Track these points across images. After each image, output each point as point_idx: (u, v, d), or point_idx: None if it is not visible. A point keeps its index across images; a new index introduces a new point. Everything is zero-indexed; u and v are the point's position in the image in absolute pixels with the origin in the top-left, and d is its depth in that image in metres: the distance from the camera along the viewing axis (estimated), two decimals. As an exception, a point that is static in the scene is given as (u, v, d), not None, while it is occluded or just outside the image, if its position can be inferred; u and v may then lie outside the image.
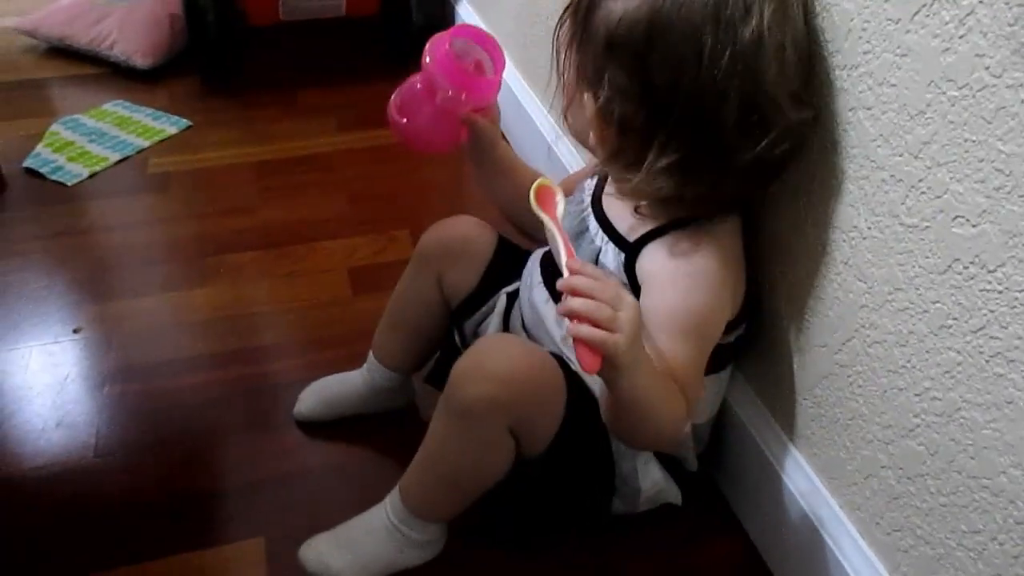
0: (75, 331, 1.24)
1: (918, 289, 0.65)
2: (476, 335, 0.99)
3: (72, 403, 1.12)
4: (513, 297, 0.96)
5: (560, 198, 0.74)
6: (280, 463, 1.03)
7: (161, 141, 1.73)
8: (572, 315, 0.64)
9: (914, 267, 0.65)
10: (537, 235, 0.94)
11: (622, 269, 0.80)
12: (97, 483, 1.01)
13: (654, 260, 0.78)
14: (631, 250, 0.80)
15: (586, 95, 0.76)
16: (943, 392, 0.64)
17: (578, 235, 0.86)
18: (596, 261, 0.83)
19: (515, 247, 1.00)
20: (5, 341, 1.23)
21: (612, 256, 0.82)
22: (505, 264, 0.98)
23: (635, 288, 0.79)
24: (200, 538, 0.95)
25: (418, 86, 0.88)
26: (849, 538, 0.79)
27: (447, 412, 0.81)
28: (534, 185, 0.74)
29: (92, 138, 1.72)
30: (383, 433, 1.07)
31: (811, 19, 0.71)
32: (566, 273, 0.67)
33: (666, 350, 0.75)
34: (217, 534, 0.95)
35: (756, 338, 0.89)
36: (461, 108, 0.86)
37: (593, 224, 0.85)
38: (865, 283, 0.70)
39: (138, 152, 1.69)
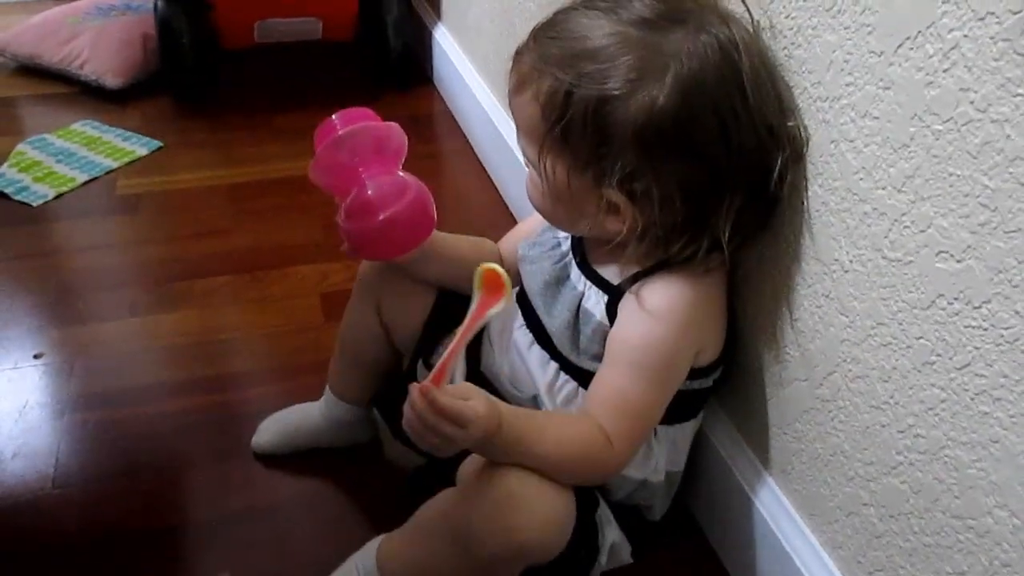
0: (36, 356, 1.20)
1: (901, 324, 0.64)
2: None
3: (30, 432, 1.08)
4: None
5: (507, 291, 0.72)
6: (247, 496, 1.00)
7: (131, 162, 1.70)
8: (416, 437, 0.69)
9: (897, 302, 0.64)
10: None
11: (605, 312, 0.79)
12: (55, 516, 0.98)
13: (631, 297, 0.77)
14: (616, 293, 0.79)
15: (605, 191, 0.72)
16: (927, 429, 0.63)
17: (558, 282, 0.84)
18: (579, 307, 0.81)
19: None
20: (-38, 367, 1.19)
21: (595, 300, 0.81)
22: (451, 298, 0.92)
23: None
24: (164, 574, 0.91)
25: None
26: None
27: (467, 558, 0.75)
28: (480, 270, 0.73)
29: (60, 158, 1.69)
30: (353, 466, 1.04)
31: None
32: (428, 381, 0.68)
33: (615, 380, 0.76)
34: (180, 570, 0.92)
35: (736, 371, 0.88)
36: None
37: (575, 271, 0.84)
38: (847, 317, 0.69)
39: (107, 173, 1.66)
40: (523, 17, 1.36)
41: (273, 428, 1.06)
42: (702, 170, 0.70)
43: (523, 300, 0.88)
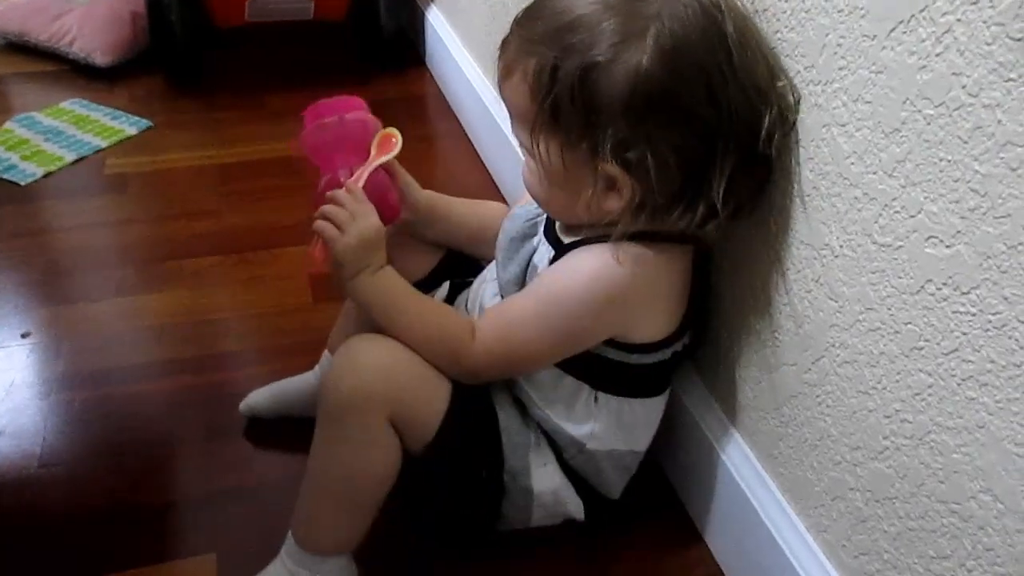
0: (23, 336, 1.19)
1: (890, 309, 0.64)
2: None
3: (17, 411, 1.08)
4: (459, 288, 0.95)
5: (397, 143, 0.84)
6: (234, 475, 1.00)
7: (120, 141, 1.69)
8: (320, 216, 0.79)
9: (886, 287, 0.64)
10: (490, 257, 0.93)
11: (545, 265, 0.81)
12: (42, 495, 0.97)
13: (569, 254, 0.78)
14: (561, 251, 0.80)
15: (601, 165, 0.71)
16: (913, 415, 0.63)
17: (522, 239, 0.86)
18: (529, 260, 0.84)
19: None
20: (-52, 345, 1.18)
21: (542, 254, 0.82)
22: (460, 258, 0.98)
23: None
24: (150, 554, 0.91)
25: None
26: (815, 560, 0.78)
27: (325, 418, 0.80)
28: (379, 133, 0.85)
29: (48, 137, 1.68)
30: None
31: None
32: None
33: (513, 300, 0.81)
34: (167, 549, 0.92)
35: (723, 355, 0.88)
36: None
37: (540, 232, 0.86)
38: (836, 302, 0.69)
39: (95, 152, 1.65)
40: (516, -2, 1.35)
41: (267, 392, 1.06)
42: (694, 132, 0.69)
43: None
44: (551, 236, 0.84)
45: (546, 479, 0.86)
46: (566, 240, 0.82)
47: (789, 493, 0.81)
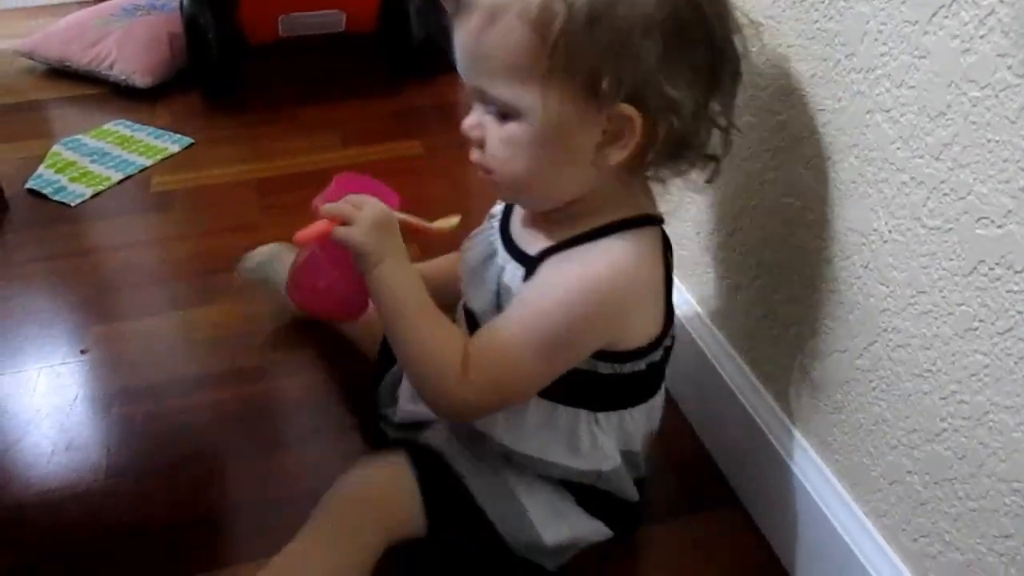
0: (82, 352, 1.23)
1: (942, 292, 0.64)
2: None
3: (81, 425, 1.11)
4: None
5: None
6: (288, 483, 1.02)
7: (163, 160, 1.73)
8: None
9: (938, 269, 0.64)
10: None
11: (521, 285, 0.76)
12: (108, 506, 1.00)
13: (544, 267, 0.74)
14: (531, 264, 0.75)
15: (618, 109, 0.64)
16: (970, 395, 0.63)
17: (484, 262, 0.81)
18: (499, 281, 0.78)
19: None
20: (12, 363, 1.22)
21: (511, 273, 0.77)
22: None
23: None
24: (210, 560, 0.93)
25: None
26: (874, 545, 0.78)
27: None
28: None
29: (94, 158, 1.72)
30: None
31: None
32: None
33: (499, 330, 0.72)
34: (226, 556, 0.94)
35: (771, 344, 0.89)
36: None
37: (501, 249, 0.80)
38: (887, 287, 0.70)
39: (140, 171, 1.69)
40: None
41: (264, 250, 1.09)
42: (709, 50, 0.65)
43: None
44: (514, 251, 0.78)
45: (559, 530, 0.83)
46: (531, 251, 0.76)
47: (846, 479, 0.82)
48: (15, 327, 1.28)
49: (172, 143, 1.78)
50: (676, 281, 1.09)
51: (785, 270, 0.84)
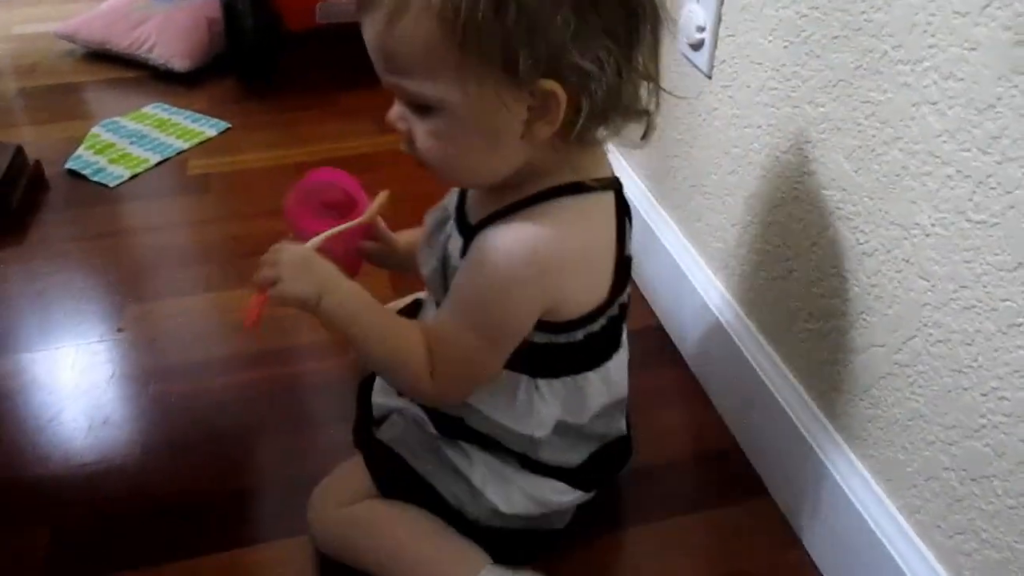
0: (119, 330, 1.25)
1: (986, 287, 0.63)
2: None
3: (119, 400, 1.13)
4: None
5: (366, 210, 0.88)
6: (318, 462, 1.03)
7: (201, 143, 1.75)
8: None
9: (981, 264, 0.63)
10: None
11: (460, 254, 0.76)
12: (143, 481, 1.02)
13: (478, 239, 0.73)
14: (470, 233, 0.75)
15: (538, 85, 0.62)
16: (1012, 392, 0.63)
17: (440, 224, 0.82)
18: (445, 248, 0.79)
19: None
20: (50, 339, 1.24)
21: (454, 241, 0.78)
22: None
23: None
24: (246, 535, 0.95)
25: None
26: (907, 541, 0.77)
27: None
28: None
29: (132, 140, 1.74)
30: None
31: None
32: None
33: (444, 321, 0.76)
34: (262, 531, 0.96)
35: (807, 336, 0.88)
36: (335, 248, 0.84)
37: (451, 221, 0.81)
38: (928, 281, 0.69)
39: (178, 154, 1.71)
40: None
41: None
42: (622, 21, 0.64)
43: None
44: (461, 220, 0.79)
45: (509, 493, 0.84)
46: (473, 221, 0.76)
47: (880, 475, 0.81)
48: (53, 305, 1.31)
49: (209, 127, 1.79)
50: (709, 273, 1.09)
51: (822, 263, 0.84)
